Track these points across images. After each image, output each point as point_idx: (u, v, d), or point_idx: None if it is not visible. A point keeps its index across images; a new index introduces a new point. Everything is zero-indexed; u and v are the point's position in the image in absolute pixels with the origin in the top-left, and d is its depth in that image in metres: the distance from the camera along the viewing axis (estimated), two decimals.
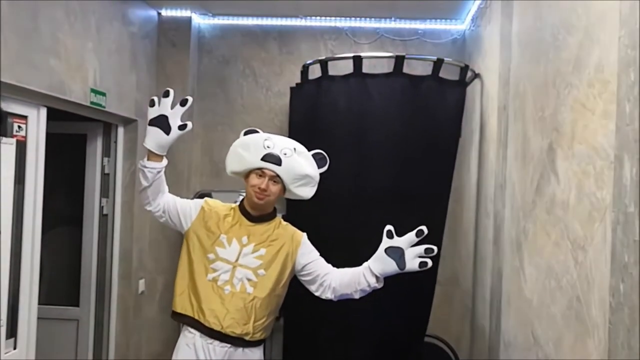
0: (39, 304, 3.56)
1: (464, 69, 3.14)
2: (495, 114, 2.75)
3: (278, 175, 2.24)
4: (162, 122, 2.14)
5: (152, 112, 2.16)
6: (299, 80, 3.49)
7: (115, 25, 3.17)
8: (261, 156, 2.22)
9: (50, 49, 2.55)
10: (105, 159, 3.46)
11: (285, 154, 2.24)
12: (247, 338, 2.23)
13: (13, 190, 2.26)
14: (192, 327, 2.26)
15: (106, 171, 3.47)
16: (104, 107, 3.05)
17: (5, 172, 2.13)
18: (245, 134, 2.36)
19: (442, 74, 3.11)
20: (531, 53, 2.16)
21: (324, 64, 3.18)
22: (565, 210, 1.71)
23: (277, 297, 2.30)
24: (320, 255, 2.30)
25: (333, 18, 3.83)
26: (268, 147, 2.24)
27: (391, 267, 2.07)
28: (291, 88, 3.49)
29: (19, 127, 2.48)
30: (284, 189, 2.29)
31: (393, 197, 3.07)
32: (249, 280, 2.23)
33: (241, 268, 2.24)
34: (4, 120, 1.86)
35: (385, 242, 2.09)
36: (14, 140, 2.28)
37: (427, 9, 3.61)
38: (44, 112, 2.64)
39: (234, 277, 2.22)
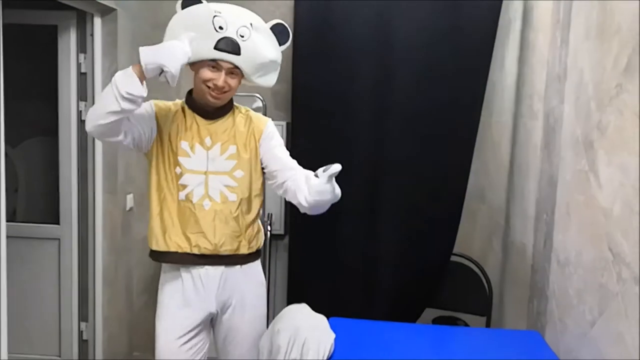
0: (17, 221, 3.22)
1: None
2: None
3: (237, 67, 1.82)
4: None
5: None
6: None
7: None
8: (214, 43, 1.77)
9: None
10: (82, 56, 2.96)
11: (242, 37, 1.80)
12: (242, 252, 1.93)
13: None
14: (178, 262, 1.91)
15: (83, 70, 2.97)
16: None
17: None
18: (184, 5, 1.82)
19: None
20: None
21: None
22: None
23: (259, 197, 1.99)
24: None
25: None
26: (220, 27, 1.78)
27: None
28: None
29: None
30: (242, 76, 1.89)
31: (417, 116, 2.75)
32: (227, 186, 1.87)
33: (214, 175, 1.87)
34: None
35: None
36: None
37: None
38: None
39: (210, 188, 1.86)
